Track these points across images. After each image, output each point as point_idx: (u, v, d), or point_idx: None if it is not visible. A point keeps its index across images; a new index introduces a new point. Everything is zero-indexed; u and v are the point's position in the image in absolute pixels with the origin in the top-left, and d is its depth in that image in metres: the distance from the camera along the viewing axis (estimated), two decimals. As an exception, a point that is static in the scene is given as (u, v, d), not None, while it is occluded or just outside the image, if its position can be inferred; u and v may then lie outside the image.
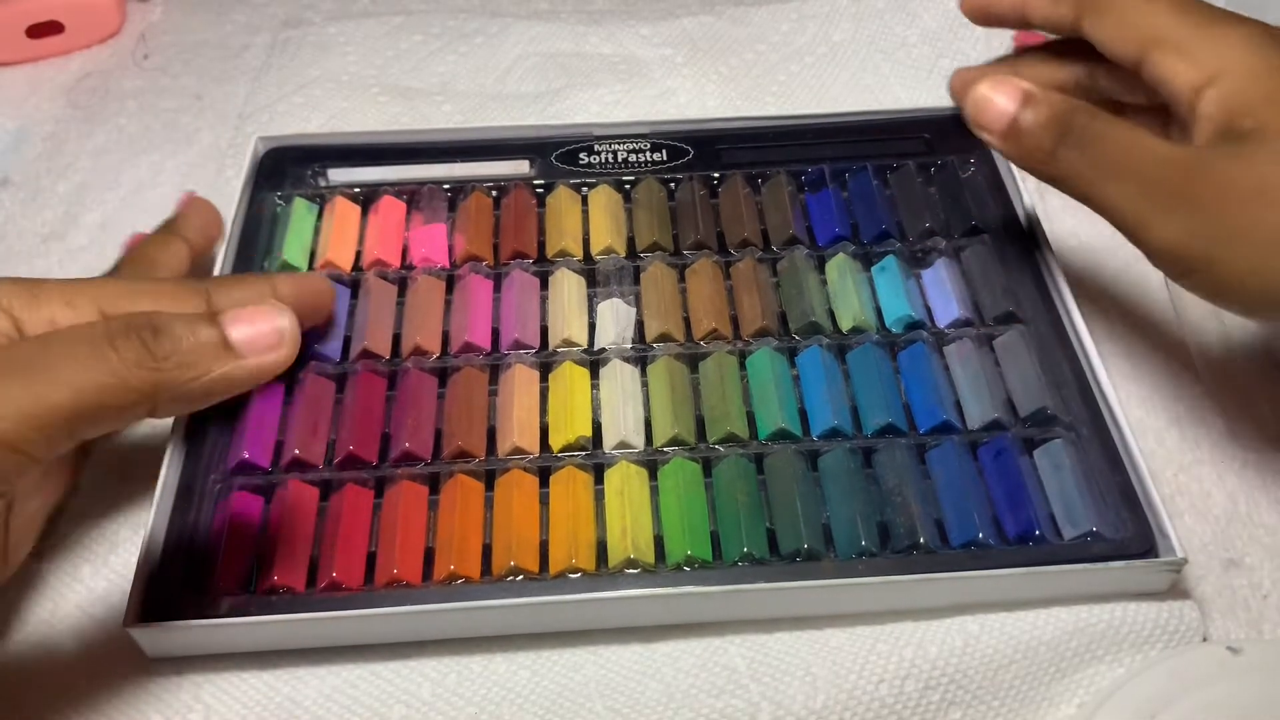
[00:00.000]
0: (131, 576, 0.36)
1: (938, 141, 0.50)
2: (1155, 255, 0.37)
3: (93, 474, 0.42)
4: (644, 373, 0.43)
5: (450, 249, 0.47)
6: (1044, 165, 0.39)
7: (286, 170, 0.49)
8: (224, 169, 0.53)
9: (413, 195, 0.49)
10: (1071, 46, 0.43)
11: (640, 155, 0.50)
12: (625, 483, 0.40)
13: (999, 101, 0.40)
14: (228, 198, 0.48)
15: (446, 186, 0.49)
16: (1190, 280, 0.37)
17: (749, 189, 0.49)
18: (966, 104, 0.41)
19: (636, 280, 0.46)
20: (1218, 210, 0.36)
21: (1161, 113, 0.42)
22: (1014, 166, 0.48)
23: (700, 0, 0.61)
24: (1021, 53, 0.46)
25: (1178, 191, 0.36)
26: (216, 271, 0.45)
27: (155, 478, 0.39)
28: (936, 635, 0.37)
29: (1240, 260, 0.36)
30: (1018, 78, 0.40)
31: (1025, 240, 0.46)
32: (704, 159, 0.50)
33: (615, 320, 0.44)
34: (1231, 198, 0.36)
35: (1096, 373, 0.42)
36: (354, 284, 0.46)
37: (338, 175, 0.49)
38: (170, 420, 0.40)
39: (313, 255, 0.47)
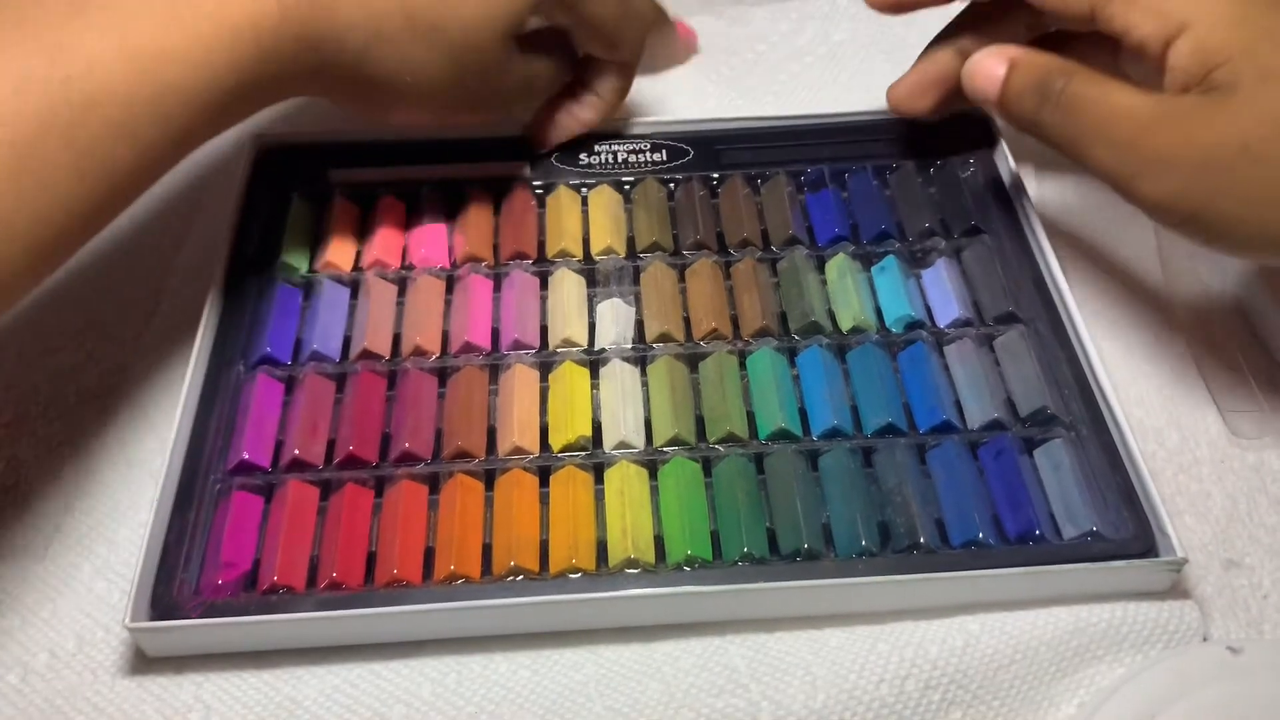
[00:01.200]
0: (132, 576, 0.36)
1: (937, 141, 0.50)
2: (1146, 211, 0.38)
3: (92, 474, 0.42)
4: (644, 373, 0.43)
5: (450, 249, 0.47)
6: (1032, 130, 0.40)
7: (286, 170, 0.49)
8: (223, 168, 0.53)
9: (413, 195, 0.49)
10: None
11: (640, 155, 0.50)
12: (625, 482, 0.40)
13: (989, 69, 0.41)
14: (227, 197, 0.48)
15: (446, 186, 0.49)
16: (1182, 231, 0.38)
17: (749, 189, 0.49)
18: (962, 77, 0.42)
19: (636, 280, 0.46)
20: (1201, 170, 0.36)
21: (1109, 49, 0.42)
22: (1013, 165, 0.48)
23: (700, 0, 0.61)
24: (967, 6, 0.46)
25: (1158, 152, 0.37)
26: (215, 274, 0.45)
27: (155, 478, 0.39)
28: (937, 635, 0.37)
29: (1227, 212, 0.36)
30: (977, 36, 0.42)
31: (1025, 240, 0.46)
32: (704, 159, 0.50)
33: (615, 320, 0.44)
34: (1214, 157, 0.36)
35: (1096, 373, 0.42)
36: (354, 284, 0.46)
37: (338, 175, 0.49)
38: (170, 420, 0.40)
39: (313, 255, 0.47)
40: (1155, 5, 0.38)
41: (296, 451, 0.40)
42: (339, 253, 0.46)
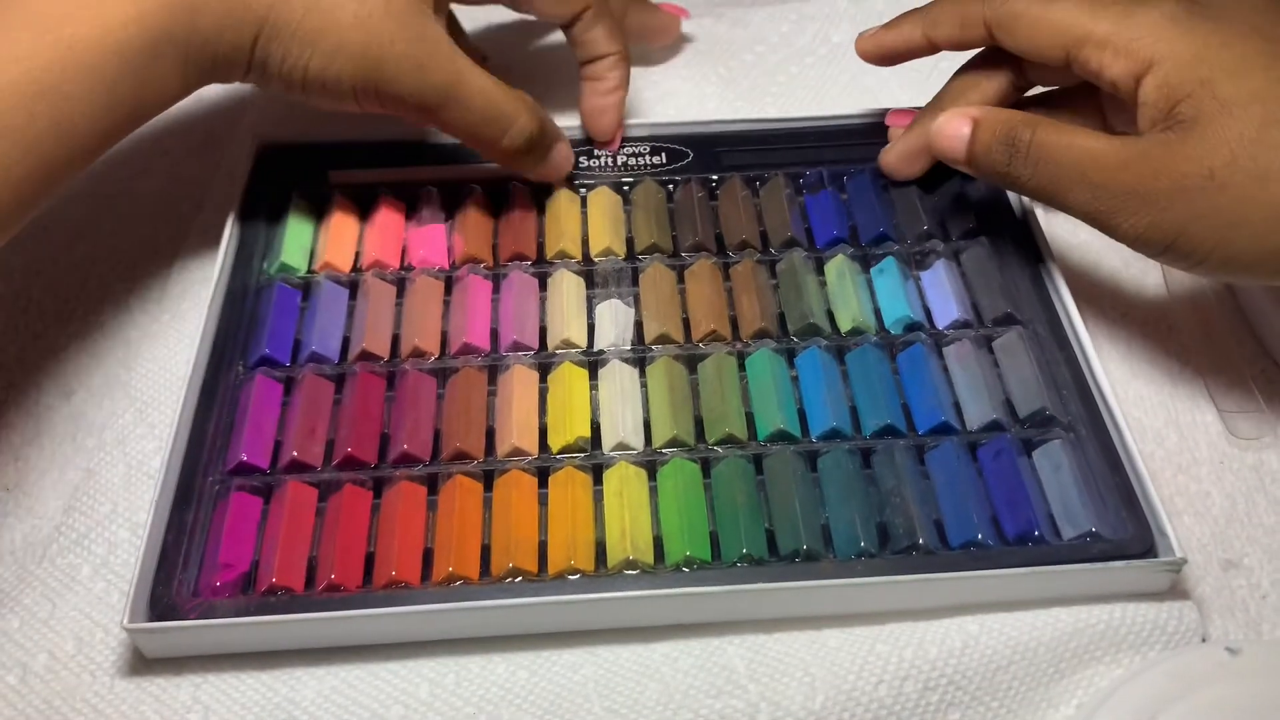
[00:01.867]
0: (130, 577, 0.36)
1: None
2: (1127, 244, 0.40)
3: (91, 475, 0.42)
4: (643, 374, 0.43)
5: (449, 250, 0.47)
6: (1005, 182, 0.42)
7: (286, 171, 0.49)
8: (223, 169, 0.53)
9: (412, 196, 0.49)
10: (997, 51, 0.44)
11: (640, 158, 0.50)
12: (624, 483, 0.39)
13: (953, 130, 0.42)
14: (227, 198, 0.48)
15: (445, 187, 0.49)
16: (1163, 259, 0.40)
17: (748, 191, 0.49)
18: (930, 139, 0.44)
19: (635, 281, 0.46)
20: (1173, 200, 0.38)
21: (1094, 96, 0.44)
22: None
23: (699, 2, 0.61)
24: (954, 74, 0.47)
25: (1131, 188, 0.38)
26: (215, 274, 0.45)
27: (154, 478, 0.39)
28: (935, 636, 0.37)
29: (1203, 238, 0.38)
30: (966, 101, 0.44)
31: (1024, 241, 0.46)
32: (703, 161, 0.50)
33: (614, 321, 0.44)
34: (1183, 186, 0.38)
35: (1095, 373, 0.42)
36: (353, 285, 0.46)
37: (337, 175, 0.49)
38: (169, 421, 0.40)
39: (312, 256, 0.47)
40: (1125, 46, 0.39)
41: (295, 453, 0.40)
42: (338, 253, 0.46)
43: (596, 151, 0.50)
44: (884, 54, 0.47)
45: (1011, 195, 0.48)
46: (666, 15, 0.57)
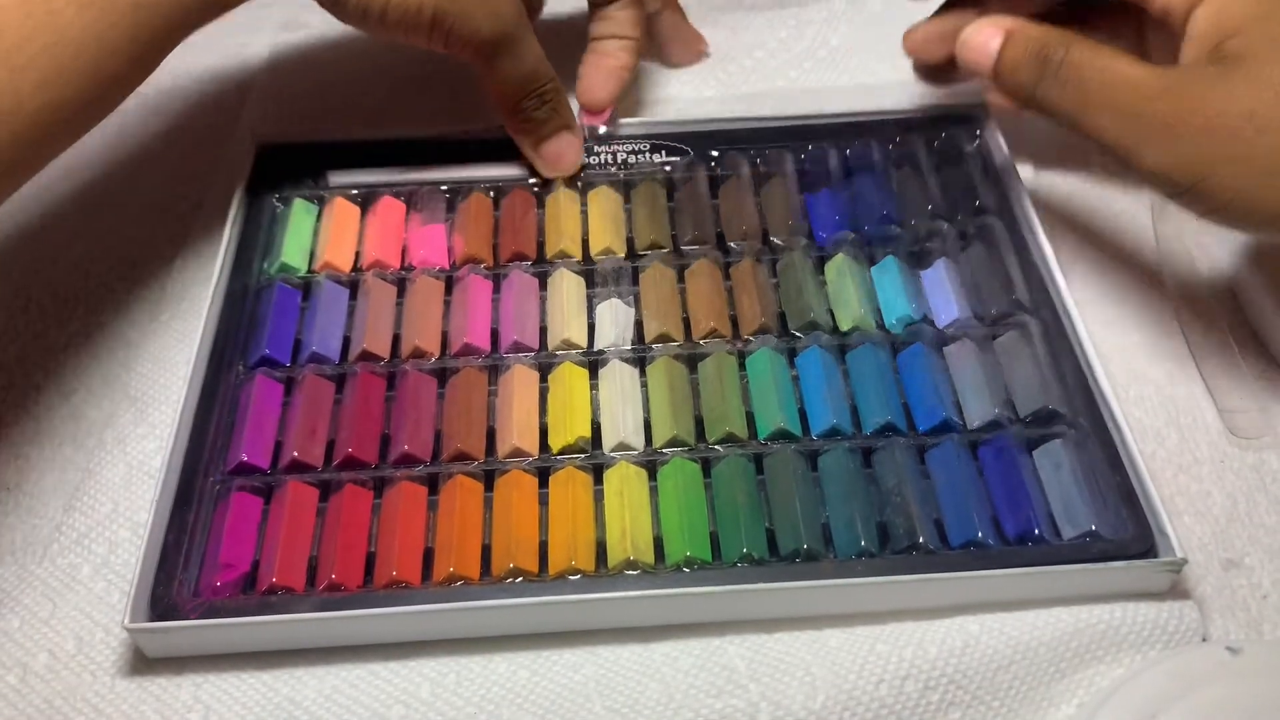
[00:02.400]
0: (131, 577, 0.36)
1: (938, 142, 0.50)
2: (1146, 179, 0.38)
3: (91, 475, 0.42)
4: (643, 373, 0.43)
5: (449, 250, 0.47)
6: (1030, 102, 0.40)
7: (285, 171, 0.49)
8: (222, 168, 0.53)
9: (412, 196, 0.49)
10: None
11: (639, 156, 0.50)
12: (624, 483, 0.39)
13: (982, 41, 0.41)
14: (227, 198, 0.48)
15: (445, 187, 0.49)
16: (1183, 201, 0.38)
17: (748, 189, 0.49)
18: (956, 49, 0.42)
19: (635, 281, 0.46)
20: (1206, 138, 0.36)
21: (1135, 19, 0.42)
22: (1014, 165, 0.48)
23: (698, 7, 0.61)
24: None
25: (1163, 120, 0.37)
26: (214, 274, 0.45)
27: (155, 478, 0.39)
28: (936, 635, 0.37)
29: (1230, 183, 0.36)
30: (999, 13, 0.42)
31: (1025, 241, 0.46)
32: (703, 159, 0.50)
33: (614, 321, 0.44)
34: (1219, 125, 0.36)
35: (1096, 372, 0.42)
36: (353, 285, 0.46)
37: (337, 176, 0.49)
38: (170, 420, 0.40)
39: (312, 256, 0.47)
40: None
41: (295, 453, 0.40)
42: (338, 253, 0.46)
43: (596, 149, 0.50)
44: (932, 40, 0.46)
45: (1012, 193, 0.48)
46: (695, 33, 0.57)
